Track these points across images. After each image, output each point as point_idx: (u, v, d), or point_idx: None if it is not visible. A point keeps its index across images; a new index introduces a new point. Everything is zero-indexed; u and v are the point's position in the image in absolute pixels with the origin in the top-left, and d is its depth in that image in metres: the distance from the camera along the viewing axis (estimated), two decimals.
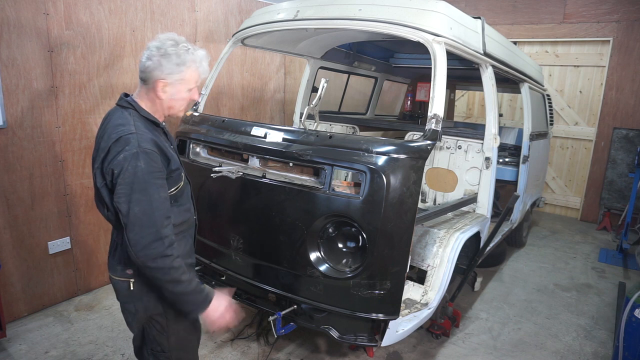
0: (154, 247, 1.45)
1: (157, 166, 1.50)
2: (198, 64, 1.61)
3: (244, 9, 4.40)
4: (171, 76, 1.56)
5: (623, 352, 2.59)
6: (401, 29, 2.33)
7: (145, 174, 1.46)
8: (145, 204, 1.45)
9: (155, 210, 1.46)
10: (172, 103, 1.63)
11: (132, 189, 1.44)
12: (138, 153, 1.45)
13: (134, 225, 1.44)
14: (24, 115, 2.92)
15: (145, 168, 1.46)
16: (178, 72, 1.56)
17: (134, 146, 1.46)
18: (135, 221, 1.44)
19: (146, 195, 1.45)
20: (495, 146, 3.06)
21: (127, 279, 1.62)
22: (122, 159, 1.45)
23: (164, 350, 1.73)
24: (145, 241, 1.44)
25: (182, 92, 1.61)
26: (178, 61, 1.55)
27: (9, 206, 2.93)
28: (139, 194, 1.44)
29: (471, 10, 6.51)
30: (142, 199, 1.45)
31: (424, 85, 5.15)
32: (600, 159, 5.99)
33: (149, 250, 1.44)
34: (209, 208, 2.66)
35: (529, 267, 4.53)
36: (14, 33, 2.80)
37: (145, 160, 1.46)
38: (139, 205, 1.44)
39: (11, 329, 2.97)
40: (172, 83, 1.57)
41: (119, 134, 1.49)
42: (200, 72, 1.63)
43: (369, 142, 2.14)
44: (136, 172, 1.44)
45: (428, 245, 2.59)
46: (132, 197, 1.44)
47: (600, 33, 5.79)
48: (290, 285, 2.32)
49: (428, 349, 2.99)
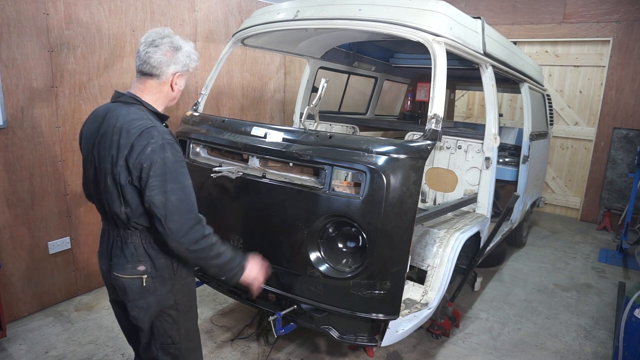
0: (196, 230, 1.53)
1: (181, 155, 1.58)
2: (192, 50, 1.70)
3: (244, 9, 4.40)
4: (185, 68, 1.65)
5: (623, 352, 2.59)
6: (401, 29, 2.33)
7: (174, 163, 1.52)
8: (180, 192, 1.52)
9: (189, 196, 1.55)
10: (177, 95, 1.72)
11: (165, 180, 1.49)
12: (164, 144, 1.51)
13: (173, 213, 1.49)
14: (24, 115, 2.92)
15: (172, 158, 1.52)
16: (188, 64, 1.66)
17: (159, 138, 1.51)
18: (174, 210, 1.49)
19: (179, 184, 1.52)
20: (495, 146, 3.06)
21: (140, 276, 1.63)
22: (151, 152, 1.48)
23: (174, 342, 1.75)
24: (187, 227, 1.51)
25: (183, 84, 1.71)
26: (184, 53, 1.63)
27: (9, 206, 2.93)
28: (173, 183, 1.50)
29: (471, 10, 6.51)
30: (176, 188, 1.51)
31: (424, 85, 5.15)
32: (600, 159, 5.99)
33: (191, 234, 1.51)
34: (209, 208, 2.66)
35: (529, 267, 4.53)
36: (14, 33, 2.80)
37: (171, 151, 1.53)
38: (174, 194, 1.50)
39: (11, 329, 2.97)
40: (183, 74, 1.67)
41: (139, 129, 1.51)
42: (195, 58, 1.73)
43: (369, 142, 2.14)
44: (166, 162, 1.50)
45: (428, 245, 2.59)
46: (166, 188, 1.49)
47: (600, 33, 5.80)
48: (290, 285, 2.32)
49: (428, 349, 2.99)
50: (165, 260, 1.66)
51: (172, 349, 1.76)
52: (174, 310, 1.72)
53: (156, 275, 1.65)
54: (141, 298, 1.65)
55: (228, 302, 3.43)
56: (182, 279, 1.73)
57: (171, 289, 1.69)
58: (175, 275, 1.70)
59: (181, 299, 1.73)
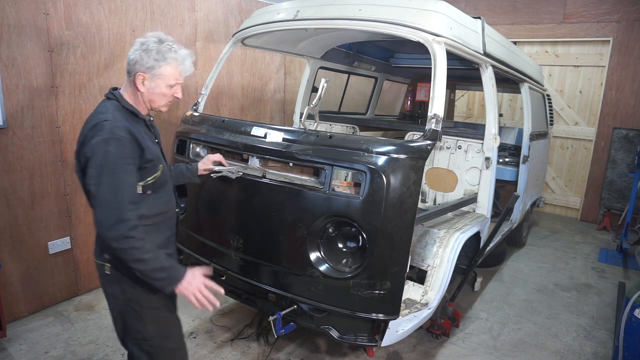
0: (117, 228, 1.51)
1: (127, 152, 1.57)
2: (179, 62, 1.69)
3: (244, 9, 4.40)
4: (150, 70, 1.64)
5: (623, 352, 2.59)
6: (401, 29, 2.33)
7: (116, 158, 1.54)
8: (112, 186, 1.53)
9: (121, 193, 1.54)
10: (152, 97, 1.70)
11: (101, 172, 1.52)
12: (109, 138, 1.54)
13: (100, 206, 1.52)
14: (24, 115, 2.92)
15: (115, 153, 1.53)
16: (157, 67, 1.64)
17: (106, 132, 1.54)
18: (102, 202, 1.52)
19: (113, 179, 1.53)
20: (495, 146, 3.06)
21: (104, 263, 1.70)
22: (95, 143, 1.54)
23: (145, 339, 1.75)
24: (109, 222, 1.51)
25: (161, 87, 1.68)
26: (157, 57, 1.63)
27: (9, 206, 2.93)
28: (107, 176, 1.52)
29: (471, 10, 6.51)
30: (109, 182, 1.52)
31: (424, 85, 5.15)
32: (600, 159, 5.99)
33: (112, 231, 1.51)
34: (209, 208, 2.66)
35: (529, 267, 4.53)
36: (14, 33, 2.80)
37: (116, 146, 1.54)
38: (106, 188, 1.52)
39: (11, 329, 2.97)
40: (150, 77, 1.65)
41: (95, 121, 1.58)
42: (181, 70, 1.71)
43: (369, 142, 2.14)
44: (106, 156, 1.52)
45: (428, 245, 2.59)
46: (101, 180, 1.52)
47: (600, 33, 5.79)
48: (290, 285, 2.32)
49: (428, 349, 2.99)
50: None
51: (145, 346, 1.76)
52: (137, 305, 1.72)
53: (117, 266, 1.68)
54: (108, 286, 1.73)
55: (228, 302, 3.43)
56: None
57: (132, 284, 1.69)
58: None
59: (144, 296, 1.72)
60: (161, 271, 1.60)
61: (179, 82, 1.72)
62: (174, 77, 1.69)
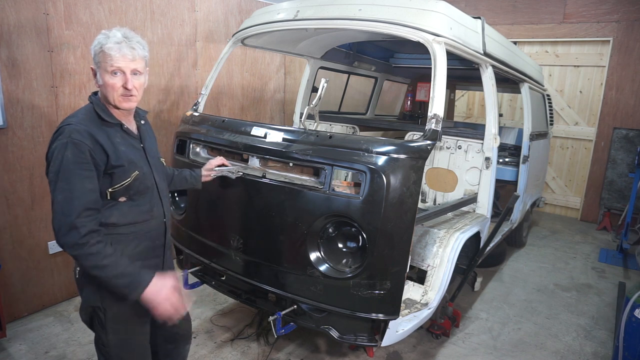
0: (70, 235, 1.48)
1: (84, 157, 1.53)
2: (104, 42, 1.57)
3: (244, 9, 4.40)
4: (94, 62, 1.61)
5: (623, 352, 2.59)
6: (401, 29, 2.33)
7: (71, 163, 1.51)
8: (67, 192, 1.50)
9: (74, 200, 1.49)
10: (104, 90, 1.62)
11: (57, 178, 1.51)
12: (67, 143, 1.51)
13: (55, 212, 1.51)
14: (24, 115, 2.92)
15: (71, 158, 1.51)
16: (94, 54, 1.60)
17: (65, 136, 1.53)
18: (57, 209, 1.50)
19: (69, 184, 1.50)
20: (495, 146, 3.06)
21: (75, 267, 1.71)
22: (54, 148, 1.53)
23: (105, 345, 1.72)
24: (63, 230, 1.48)
25: (105, 77, 1.59)
26: (93, 45, 1.60)
27: (9, 206, 2.93)
28: (63, 182, 1.50)
29: (471, 10, 6.51)
30: (64, 188, 1.50)
31: (424, 85, 5.15)
32: (600, 159, 5.99)
33: (65, 237, 1.49)
34: (209, 208, 2.66)
35: (529, 267, 4.53)
36: (14, 33, 2.80)
37: (73, 151, 1.51)
38: (61, 194, 1.50)
39: (11, 329, 2.97)
40: (96, 69, 1.62)
41: (60, 125, 1.58)
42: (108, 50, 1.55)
43: (369, 142, 2.14)
44: (62, 161, 1.51)
45: (428, 245, 2.59)
46: (57, 186, 1.51)
47: (600, 33, 5.79)
48: (290, 285, 2.32)
49: (428, 349, 2.99)
50: None
51: (104, 351, 1.74)
52: (102, 314, 1.68)
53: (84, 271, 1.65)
54: (78, 288, 1.73)
55: (228, 302, 3.43)
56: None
57: (97, 291, 1.65)
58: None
59: (109, 306, 1.67)
60: (122, 277, 1.53)
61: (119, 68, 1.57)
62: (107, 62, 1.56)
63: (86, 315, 1.75)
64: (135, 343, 1.78)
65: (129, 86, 1.61)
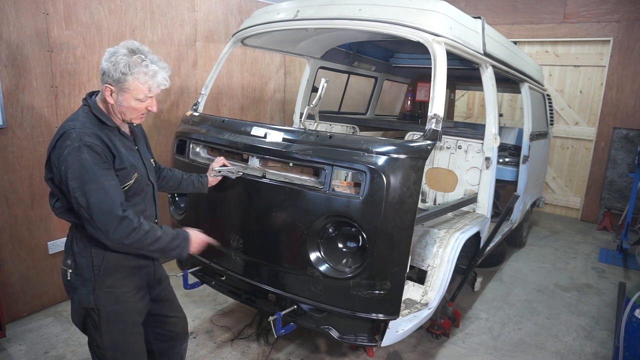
0: (123, 226, 1.53)
1: (101, 158, 1.56)
2: (149, 76, 1.60)
3: (244, 9, 4.40)
4: (117, 84, 1.59)
5: (623, 352, 2.59)
6: (401, 29, 2.33)
7: (92, 164, 1.52)
8: (100, 192, 1.52)
9: (109, 196, 1.53)
10: (122, 110, 1.65)
11: (83, 181, 1.51)
12: (80, 146, 1.52)
13: (97, 215, 1.51)
14: (24, 115, 2.92)
15: (90, 159, 1.52)
16: (124, 80, 1.58)
17: (75, 140, 1.52)
18: (97, 211, 1.51)
19: (97, 184, 1.52)
20: (495, 146, 3.06)
21: (66, 269, 1.70)
22: (67, 154, 1.52)
23: (99, 347, 1.73)
24: (113, 225, 1.52)
25: (129, 101, 1.62)
26: (125, 70, 1.56)
27: (9, 206, 2.93)
28: (91, 184, 1.51)
29: (471, 10, 6.51)
30: (95, 189, 1.51)
31: (424, 85, 5.15)
32: (600, 159, 5.99)
33: (119, 231, 1.52)
34: (209, 208, 2.66)
35: (529, 267, 4.52)
36: (14, 33, 2.80)
37: (89, 152, 1.53)
38: (94, 196, 1.51)
39: (11, 329, 2.97)
40: (117, 91, 1.60)
41: (63, 129, 1.57)
42: (151, 85, 1.62)
43: (369, 142, 2.14)
44: (82, 164, 1.51)
45: (428, 245, 2.59)
46: (86, 189, 1.51)
47: (600, 33, 5.79)
48: (290, 285, 2.32)
49: (428, 349, 2.99)
50: (86, 260, 1.67)
51: (99, 353, 1.75)
52: (96, 315, 1.69)
53: (78, 273, 1.67)
54: (69, 291, 1.73)
55: (228, 302, 3.43)
56: (106, 286, 1.69)
57: (91, 292, 1.67)
58: (95, 279, 1.67)
59: (103, 307, 1.68)
60: (176, 238, 1.70)
61: (149, 97, 1.65)
62: (142, 92, 1.61)
63: (79, 318, 1.75)
64: (129, 343, 1.79)
65: (154, 110, 1.70)
